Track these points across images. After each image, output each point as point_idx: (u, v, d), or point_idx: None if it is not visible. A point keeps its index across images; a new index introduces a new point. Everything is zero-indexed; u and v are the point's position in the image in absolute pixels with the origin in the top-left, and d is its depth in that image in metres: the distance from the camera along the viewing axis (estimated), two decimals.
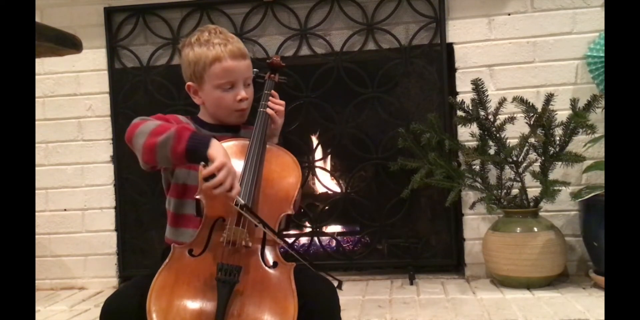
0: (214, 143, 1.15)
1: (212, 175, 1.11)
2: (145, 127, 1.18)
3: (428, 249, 2.35)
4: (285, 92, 1.44)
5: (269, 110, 1.35)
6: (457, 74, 2.28)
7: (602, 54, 2.10)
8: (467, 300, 1.95)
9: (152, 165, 1.21)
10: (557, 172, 2.11)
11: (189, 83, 1.36)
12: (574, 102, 2.05)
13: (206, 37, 1.32)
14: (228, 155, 1.15)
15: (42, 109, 2.45)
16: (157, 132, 1.16)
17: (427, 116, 2.20)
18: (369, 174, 2.41)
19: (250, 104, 1.36)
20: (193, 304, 1.07)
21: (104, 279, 2.43)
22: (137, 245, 2.43)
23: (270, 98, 1.39)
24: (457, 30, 2.28)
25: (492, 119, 2.12)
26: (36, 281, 2.42)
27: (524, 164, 2.10)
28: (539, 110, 2.06)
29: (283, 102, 1.40)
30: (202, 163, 1.13)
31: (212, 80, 1.31)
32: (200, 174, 1.16)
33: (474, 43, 2.27)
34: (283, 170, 1.29)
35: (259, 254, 1.17)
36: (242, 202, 1.14)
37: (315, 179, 2.45)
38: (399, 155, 2.24)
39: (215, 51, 1.29)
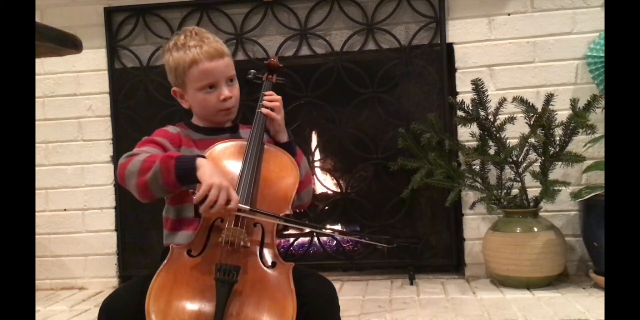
0: (200, 163, 1.13)
1: (206, 197, 1.10)
2: (132, 166, 1.17)
3: (428, 249, 2.35)
4: (285, 92, 1.44)
5: (264, 110, 1.34)
6: (457, 74, 2.27)
7: (602, 54, 2.10)
8: (467, 300, 1.95)
9: (151, 199, 1.21)
10: (557, 172, 2.11)
11: (174, 88, 1.37)
12: (574, 102, 2.05)
13: (182, 41, 1.32)
14: (216, 172, 1.14)
15: (42, 109, 2.45)
16: (144, 169, 1.15)
17: (427, 116, 2.19)
18: (369, 174, 2.41)
19: (237, 101, 1.35)
20: (192, 304, 1.07)
21: (104, 279, 2.43)
22: (137, 245, 2.43)
23: (265, 97, 1.37)
24: (457, 30, 2.28)
25: (492, 119, 2.12)
26: (36, 281, 2.42)
27: (524, 164, 2.10)
28: (539, 110, 2.06)
29: (279, 98, 1.38)
30: (191, 190, 1.13)
31: (193, 84, 1.31)
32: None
33: (474, 43, 2.26)
34: (281, 170, 1.29)
35: (258, 254, 1.17)
36: (247, 208, 1.14)
37: (315, 179, 2.45)
38: (399, 155, 2.24)
39: (192, 54, 1.29)
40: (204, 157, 1.17)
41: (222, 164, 1.26)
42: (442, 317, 1.77)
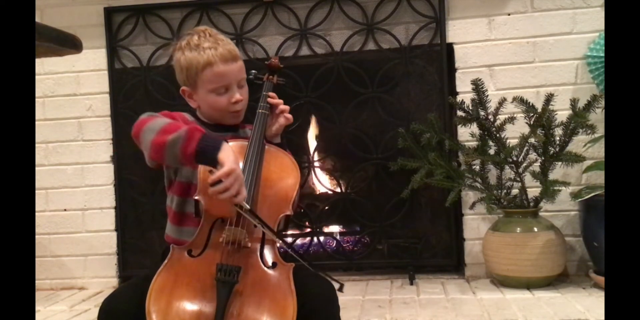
0: (225, 147, 1.12)
1: (220, 181, 1.09)
2: (155, 124, 1.16)
3: (428, 249, 2.35)
4: (286, 92, 1.44)
5: (286, 115, 1.36)
6: (457, 74, 2.27)
7: (602, 54, 2.10)
8: (467, 300, 1.95)
9: (158, 163, 1.20)
10: (557, 172, 2.11)
11: (183, 87, 1.36)
12: (574, 102, 2.05)
13: (196, 41, 1.31)
14: (238, 160, 1.13)
15: (42, 109, 2.45)
16: (167, 130, 1.13)
17: (427, 116, 2.19)
18: (369, 174, 2.41)
19: (245, 104, 1.36)
20: (192, 305, 1.07)
21: (104, 279, 2.43)
22: (137, 245, 2.43)
23: (275, 103, 1.38)
24: (457, 30, 2.28)
25: (492, 119, 2.12)
26: (36, 281, 2.42)
27: (524, 164, 2.10)
28: (539, 110, 2.06)
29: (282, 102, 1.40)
30: (210, 168, 1.12)
31: (205, 85, 1.30)
32: (198, 174, 1.16)
33: (474, 43, 2.26)
34: (282, 171, 1.29)
35: (258, 254, 1.17)
36: (248, 207, 1.14)
37: (315, 179, 2.45)
38: (399, 155, 2.24)
39: (206, 56, 1.28)
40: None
41: None
42: (442, 317, 1.77)
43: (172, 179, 1.32)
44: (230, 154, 1.11)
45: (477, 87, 2.11)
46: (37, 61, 2.18)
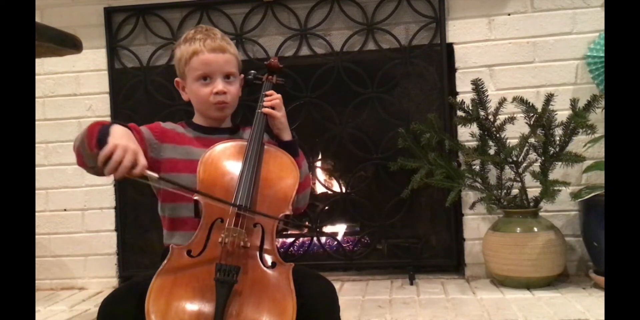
0: (114, 129, 1.14)
1: (109, 159, 1.09)
2: (80, 134, 1.19)
3: (428, 249, 2.35)
4: (285, 92, 1.44)
5: (265, 109, 1.35)
6: (457, 74, 2.27)
7: (602, 54, 2.10)
8: (467, 300, 1.95)
9: (87, 167, 1.20)
10: (557, 172, 2.11)
11: (177, 79, 1.40)
12: (574, 102, 2.05)
13: (191, 35, 1.36)
14: (126, 137, 1.13)
15: (42, 109, 2.45)
16: (81, 135, 1.17)
17: (427, 116, 2.20)
18: (369, 174, 2.41)
19: (233, 99, 1.35)
20: (192, 305, 1.07)
21: (104, 279, 2.43)
22: (137, 245, 2.43)
23: (265, 98, 1.38)
24: (457, 30, 2.28)
25: (492, 119, 2.12)
26: (36, 281, 2.42)
27: (524, 164, 2.10)
28: (539, 110, 2.06)
29: (279, 96, 1.39)
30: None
31: (191, 74, 1.33)
32: (198, 176, 1.17)
33: (474, 43, 2.26)
34: (281, 171, 1.29)
35: (257, 254, 1.17)
36: (156, 176, 1.12)
37: (316, 179, 2.45)
38: (399, 155, 2.24)
39: (195, 46, 1.33)
40: (127, 127, 1.19)
41: (222, 164, 1.26)
42: (442, 317, 1.77)
43: (159, 188, 1.32)
44: (116, 132, 1.13)
45: (477, 87, 2.12)
46: (37, 61, 2.18)
